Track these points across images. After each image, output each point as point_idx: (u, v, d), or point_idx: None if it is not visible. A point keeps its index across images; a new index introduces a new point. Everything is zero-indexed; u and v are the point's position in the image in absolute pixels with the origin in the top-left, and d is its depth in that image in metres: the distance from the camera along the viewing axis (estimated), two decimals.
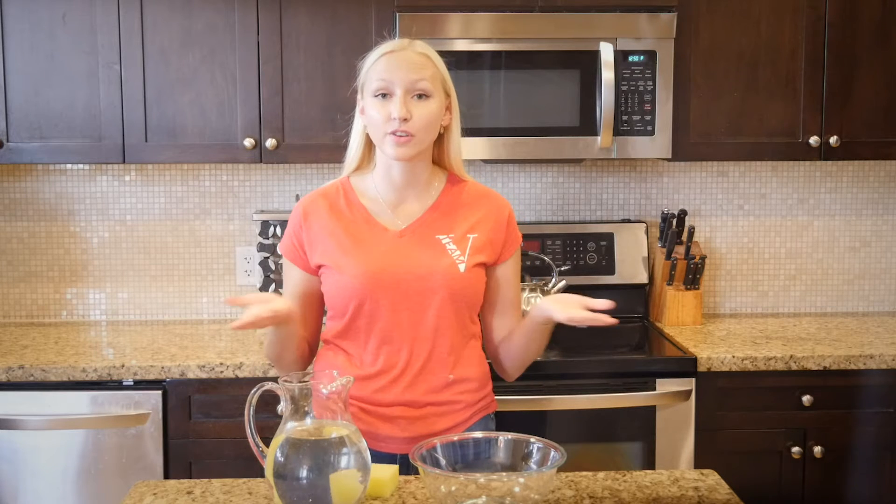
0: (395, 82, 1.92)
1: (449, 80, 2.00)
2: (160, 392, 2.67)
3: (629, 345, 3.14)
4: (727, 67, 2.99)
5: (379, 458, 1.90)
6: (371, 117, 1.95)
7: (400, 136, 1.91)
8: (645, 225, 3.31)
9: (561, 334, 3.07)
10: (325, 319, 2.08)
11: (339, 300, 1.96)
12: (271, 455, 1.55)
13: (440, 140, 2.03)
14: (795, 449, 2.78)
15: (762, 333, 3.07)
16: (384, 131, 1.93)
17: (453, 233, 2.00)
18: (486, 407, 2.07)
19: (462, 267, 1.97)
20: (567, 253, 3.25)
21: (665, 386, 2.73)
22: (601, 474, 1.82)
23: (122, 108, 2.90)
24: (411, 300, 1.95)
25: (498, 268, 2.06)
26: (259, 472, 1.70)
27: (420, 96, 1.93)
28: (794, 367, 2.76)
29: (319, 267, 2.00)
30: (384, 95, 1.93)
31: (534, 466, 1.64)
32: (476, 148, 2.89)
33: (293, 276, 2.04)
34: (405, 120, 1.90)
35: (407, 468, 1.91)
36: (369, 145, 2.04)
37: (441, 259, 1.97)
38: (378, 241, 1.98)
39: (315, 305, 2.05)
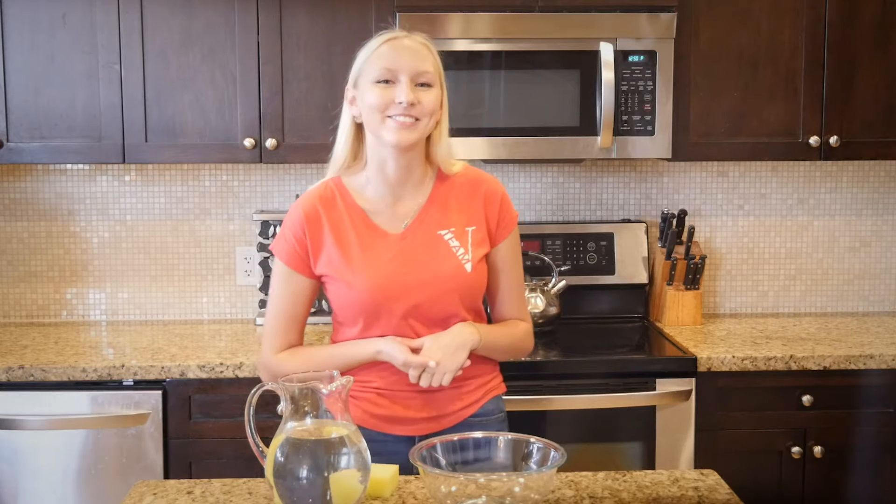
0: (401, 69, 1.88)
1: (443, 73, 1.97)
2: (160, 392, 2.67)
3: (629, 345, 3.14)
4: (727, 67, 2.99)
5: (396, 442, 1.91)
6: (370, 103, 1.90)
7: (405, 119, 1.88)
8: (645, 225, 3.31)
9: (560, 334, 3.08)
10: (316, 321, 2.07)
11: (350, 312, 1.94)
12: (271, 455, 1.55)
13: (430, 134, 1.99)
14: (795, 449, 2.78)
15: (762, 333, 3.07)
16: (385, 115, 1.89)
17: (453, 227, 1.98)
18: (496, 387, 2.07)
19: (469, 266, 1.95)
20: (567, 253, 3.25)
21: (665, 386, 2.73)
22: (601, 474, 1.82)
23: (122, 108, 2.90)
24: (423, 305, 1.93)
25: (493, 252, 2.02)
26: (259, 472, 1.70)
27: (422, 84, 1.90)
28: (794, 367, 2.76)
29: (323, 276, 1.97)
30: (387, 82, 1.90)
31: (534, 466, 1.64)
32: (476, 148, 2.89)
33: (293, 282, 1.97)
34: (412, 105, 1.87)
35: (408, 467, 1.91)
36: (358, 140, 1.99)
37: (447, 261, 1.95)
38: (381, 248, 1.94)
39: (309, 306, 2.02)
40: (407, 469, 1.80)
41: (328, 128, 2.90)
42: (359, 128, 1.98)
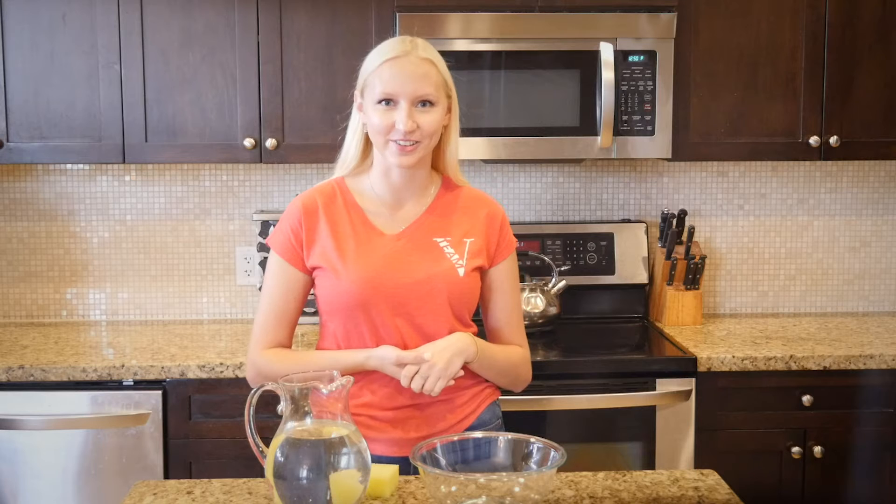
0: (400, 93, 1.89)
1: (450, 81, 1.97)
2: (160, 392, 2.67)
3: (629, 345, 3.14)
4: (727, 67, 2.99)
5: (390, 462, 1.88)
6: (374, 123, 1.92)
7: (404, 144, 1.89)
8: (645, 225, 3.31)
9: (560, 334, 3.09)
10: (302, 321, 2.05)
11: (338, 305, 1.93)
12: (271, 455, 1.55)
13: (439, 141, 1.99)
14: (795, 449, 2.78)
15: (762, 333, 3.07)
16: (387, 139, 1.91)
17: (450, 236, 1.98)
18: (490, 395, 2.05)
19: (461, 271, 1.95)
20: (567, 253, 3.25)
21: (665, 386, 2.73)
22: (601, 474, 1.82)
23: (122, 108, 2.90)
24: (411, 305, 1.92)
25: (490, 272, 2.02)
26: (259, 472, 1.70)
27: (424, 104, 1.91)
28: (794, 367, 2.76)
29: (315, 268, 1.97)
30: (387, 102, 1.90)
31: (534, 466, 1.64)
32: (476, 148, 2.89)
33: (286, 275, 1.97)
34: (410, 132, 1.88)
35: (407, 468, 1.91)
36: (367, 143, 2.00)
37: (440, 263, 1.95)
38: (376, 246, 1.95)
39: (301, 304, 2.01)
40: (407, 470, 1.80)
41: (328, 128, 2.93)
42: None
